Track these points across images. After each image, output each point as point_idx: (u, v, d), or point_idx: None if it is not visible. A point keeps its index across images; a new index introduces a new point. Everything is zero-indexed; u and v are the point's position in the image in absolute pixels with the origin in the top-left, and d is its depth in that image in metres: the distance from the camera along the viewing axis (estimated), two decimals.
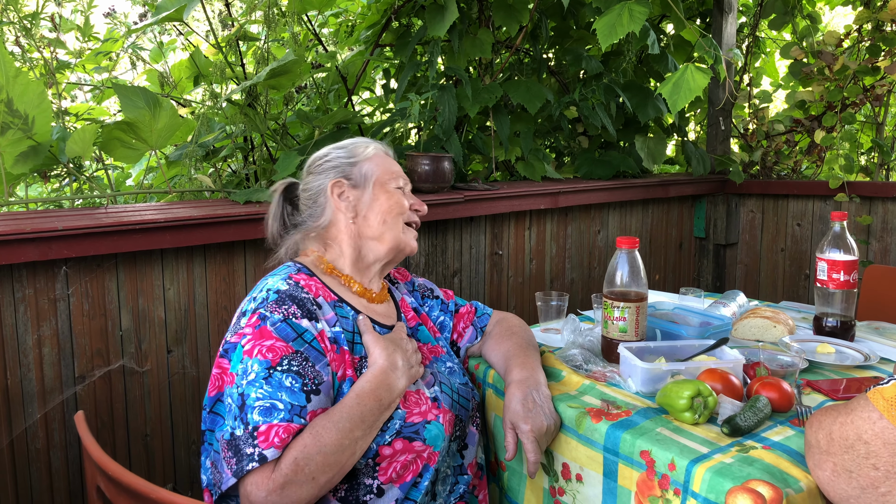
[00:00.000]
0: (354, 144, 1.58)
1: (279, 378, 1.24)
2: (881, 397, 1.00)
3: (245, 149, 2.69)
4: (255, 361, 1.25)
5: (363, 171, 1.53)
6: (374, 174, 1.53)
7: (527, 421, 1.38)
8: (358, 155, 1.55)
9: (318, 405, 1.26)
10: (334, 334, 1.36)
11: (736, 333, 1.84)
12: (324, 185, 1.52)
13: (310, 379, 1.26)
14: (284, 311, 1.31)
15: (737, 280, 3.80)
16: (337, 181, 1.51)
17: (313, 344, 1.31)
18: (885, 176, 3.62)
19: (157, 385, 1.97)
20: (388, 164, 1.57)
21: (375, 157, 1.56)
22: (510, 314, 1.79)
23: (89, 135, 2.09)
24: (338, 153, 1.56)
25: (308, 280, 1.42)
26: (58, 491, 1.83)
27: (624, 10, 2.47)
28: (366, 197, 1.52)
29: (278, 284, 1.37)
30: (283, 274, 1.42)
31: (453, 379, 1.54)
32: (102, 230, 1.77)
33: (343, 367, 1.34)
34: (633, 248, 1.62)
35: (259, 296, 1.36)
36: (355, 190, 1.52)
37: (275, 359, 1.25)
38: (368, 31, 3.20)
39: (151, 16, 2.71)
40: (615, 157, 3.32)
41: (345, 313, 1.43)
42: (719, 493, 1.10)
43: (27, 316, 1.75)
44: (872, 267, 2.56)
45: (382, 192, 1.52)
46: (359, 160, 1.54)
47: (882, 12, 3.31)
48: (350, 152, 1.56)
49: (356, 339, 1.41)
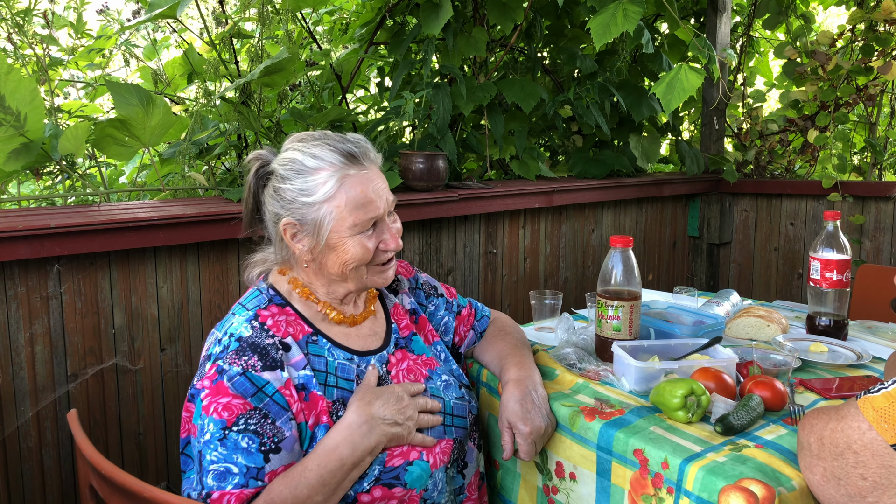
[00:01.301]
0: (319, 171, 1.31)
1: (235, 439, 1.17)
2: (871, 407, 1.00)
3: (239, 147, 2.68)
4: (210, 420, 1.19)
5: (320, 216, 1.30)
6: (333, 221, 1.31)
7: (526, 422, 1.36)
8: (317, 192, 1.30)
9: (280, 463, 1.20)
10: (303, 380, 1.28)
11: (729, 332, 1.85)
12: (279, 217, 1.34)
13: (269, 437, 1.19)
14: (244, 364, 1.22)
15: (730, 279, 3.81)
16: (290, 222, 1.33)
17: (275, 398, 1.22)
18: (877, 175, 3.63)
19: (150, 383, 1.96)
20: (357, 201, 1.32)
21: (340, 192, 1.30)
22: (501, 314, 1.78)
23: (82, 132, 2.08)
24: (295, 183, 1.32)
25: (279, 315, 1.33)
26: (50, 489, 1.83)
27: (618, 10, 2.47)
28: (320, 246, 1.33)
29: (241, 329, 1.28)
30: (252, 308, 1.33)
31: (448, 394, 1.45)
32: (95, 228, 1.77)
33: (315, 415, 1.27)
34: (627, 247, 1.62)
35: (223, 339, 1.27)
36: (308, 237, 1.33)
37: (230, 418, 1.18)
38: (363, 29, 3.20)
39: (145, 13, 2.69)
40: (609, 156, 3.32)
41: (319, 350, 1.35)
42: (712, 491, 1.10)
43: (19, 314, 1.74)
44: (865, 266, 2.57)
45: (340, 242, 1.32)
46: (317, 200, 1.30)
47: (875, 12, 3.33)
48: (309, 185, 1.31)
49: (330, 380, 1.32)
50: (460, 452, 1.45)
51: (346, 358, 1.37)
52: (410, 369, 1.46)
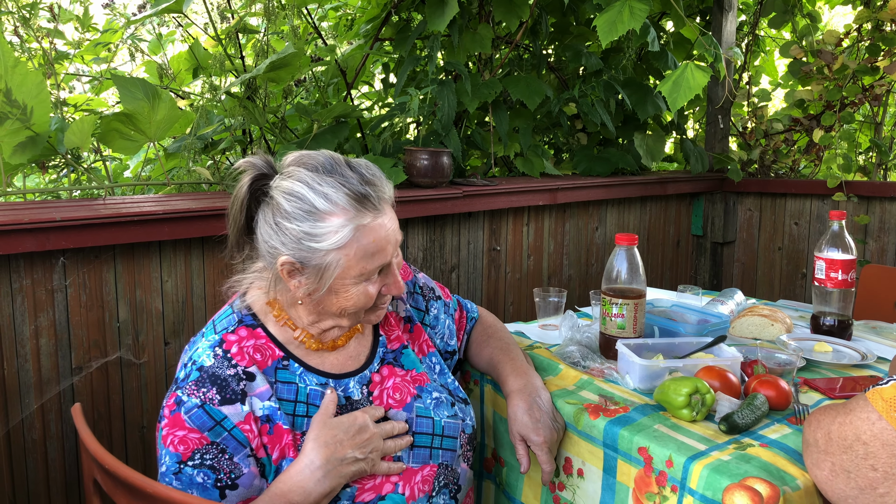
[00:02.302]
0: (331, 214, 1.19)
1: (190, 474, 1.13)
2: (880, 398, 1.00)
3: (244, 141, 2.68)
4: (167, 453, 1.15)
5: (326, 262, 1.20)
6: (339, 269, 1.21)
7: (538, 433, 1.34)
8: (327, 240, 1.19)
9: (237, 499, 1.16)
10: (268, 411, 1.20)
11: (734, 331, 1.85)
12: (278, 252, 1.22)
13: (225, 473, 1.15)
14: (203, 396, 1.16)
15: (734, 278, 3.81)
16: (290, 262, 1.21)
17: (233, 433, 1.16)
18: (882, 176, 3.62)
19: (154, 377, 1.97)
20: (368, 253, 1.22)
21: (352, 243, 1.20)
22: (483, 311, 1.71)
23: (88, 126, 2.09)
24: (302, 224, 1.19)
25: (247, 339, 1.26)
26: (54, 482, 1.83)
27: (625, 7, 2.46)
28: (321, 291, 1.23)
29: (203, 358, 1.21)
30: (220, 331, 1.26)
31: (439, 413, 1.37)
32: (100, 221, 1.77)
33: (280, 448, 1.21)
34: (632, 244, 1.62)
35: (187, 365, 1.22)
36: (310, 280, 1.23)
37: (186, 452, 1.14)
38: (368, 24, 3.19)
39: (150, 7, 2.69)
40: (614, 154, 3.32)
41: (290, 376, 1.27)
42: (716, 490, 1.10)
43: (24, 306, 1.75)
44: (869, 266, 2.57)
45: (343, 288, 1.24)
46: (324, 248, 1.19)
47: (882, 12, 3.32)
48: (317, 230, 1.19)
49: (300, 409, 1.25)
50: (450, 477, 1.35)
51: (320, 383, 1.29)
52: (397, 387, 1.37)
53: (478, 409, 1.64)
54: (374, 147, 2.74)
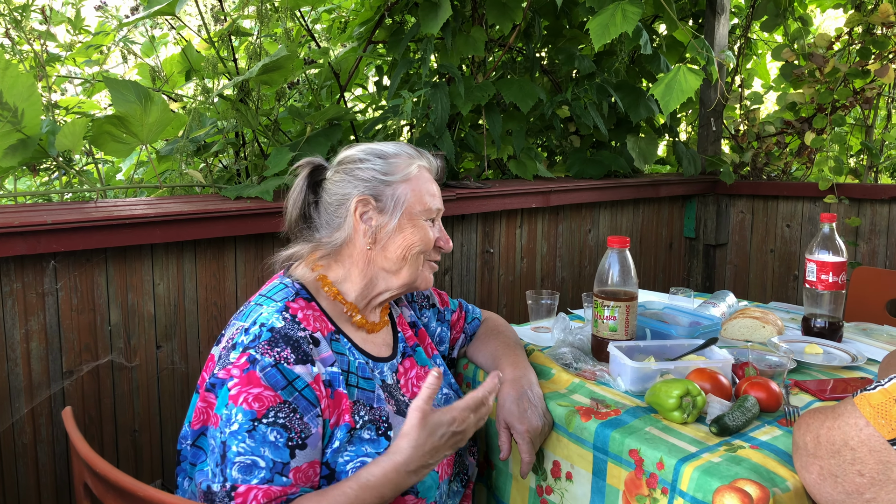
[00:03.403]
0: (398, 156, 1.39)
1: (263, 431, 1.15)
2: (868, 404, 1.01)
3: (236, 144, 2.68)
4: (239, 410, 1.16)
5: (397, 194, 1.36)
6: (407, 201, 1.36)
7: (522, 421, 1.37)
8: (397, 172, 1.37)
9: (304, 460, 1.18)
10: (330, 376, 1.26)
11: (725, 333, 1.85)
12: (349, 196, 1.36)
13: (296, 433, 1.17)
14: (277, 355, 1.20)
15: (726, 280, 3.82)
16: (364, 198, 1.35)
17: (304, 392, 1.20)
18: (873, 178, 3.64)
19: (146, 381, 1.96)
20: (427, 190, 1.40)
21: (416, 178, 1.39)
22: (493, 314, 1.78)
23: (79, 128, 2.08)
24: (375, 163, 1.37)
25: (306, 309, 1.32)
26: (44, 487, 1.82)
27: (617, 11, 2.47)
28: (391, 226, 1.36)
29: (273, 319, 1.26)
30: (280, 300, 1.31)
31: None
32: (92, 224, 1.76)
33: (338, 413, 1.25)
34: (624, 247, 1.62)
35: (251, 329, 1.25)
36: (381, 215, 1.36)
37: (261, 409, 1.16)
38: (361, 27, 3.19)
39: (143, 9, 2.69)
40: (607, 157, 3.33)
41: (341, 348, 1.34)
42: (707, 492, 1.11)
43: (15, 310, 1.74)
44: (860, 269, 2.58)
45: (410, 224, 1.37)
46: (395, 180, 1.36)
47: (873, 16, 3.33)
48: (389, 166, 1.37)
49: (351, 379, 1.31)
50: (462, 465, 1.45)
51: (364, 360, 1.37)
52: (420, 377, 1.47)
53: None
54: None
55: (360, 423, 1.27)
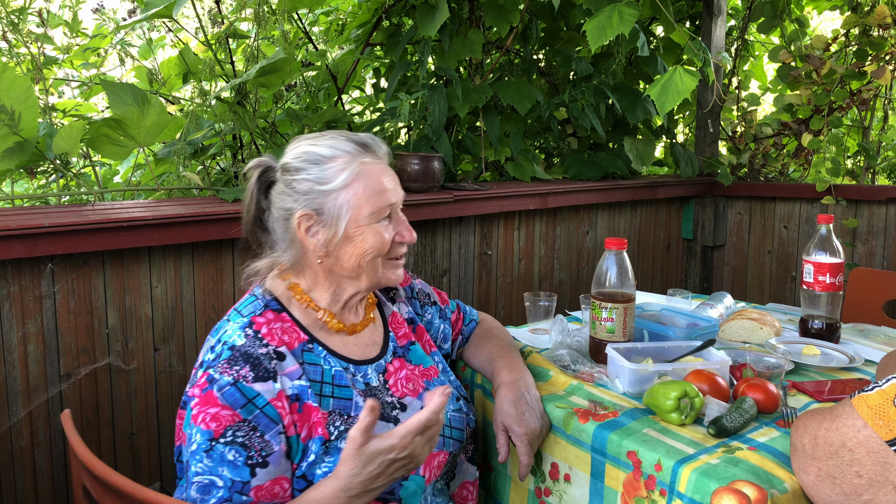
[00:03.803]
0: (334, 159, 1.30)
1: (221, 451, 1.14)
2: (865, 405, 1.01)
3: (234, 147, 2.68)
4: (197, 431, 1.15)
5: (338, 204, 1.29)
6: (351, 208, 1.29)
7: (520, 424, 1.37)
8: (334, 179, 1.29)
9: (267, 478, 1.17)
10: (297, 390, 1.23)
11: (723, 335, 1.85)
12: (292, 211, 1.30)
13: (256, 451, 1.16)
14: (235, 374, 1.18)
15: (724, 282, 3.83)
16: (305, 213, 1.29)
17: (265, 410, 1.18)
18: (870, 179, 3.65)
19: (144, 383, 1.96)
20: (374, 189, 1.31)
21: (358, 179, 1.30)
22: (486, 315, 1.77)
23: (77, 131, 2.08)
24: (311, 172, 1.29)
25: (274, 321, 1.29)
26: (42, 490, 1.82)
27: (614, 12, 2.48)
28: (338, 237, 1.30)
29: (234, 337, 1.24)
30: (247, 314, 1.29)
31: (447, 406, 1.41)
32: (89, 227, 1.76)
33: (309, 427, 1.23)
34: (622, 249, 1.62)
35: (216, 347, 1.24)
36: (326, 228, 1.30)
37: (218, 429, 1.15)
38: (359, 30, 3.20)
39: (140, 12, 2.69)
40: (604, 159, 3.33)
41: (315, 358, 1.30)
42: (705, 493, 1.11)
43: (12, 313, 1.74)
44: (858, 270, 2.58)
45: (359, 231, 1.30)
46: (334, 188, 1.29)
47: (869, 17, 3.34)
48: (326, 174, 1.29)
49: (326, 389, 1.28)
50: (452, 465, 1.44)
51: (342, 367, 1.33)
52: (409, 378, 1.43)
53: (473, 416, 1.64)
54: None
55: (335, 434, 1.24)
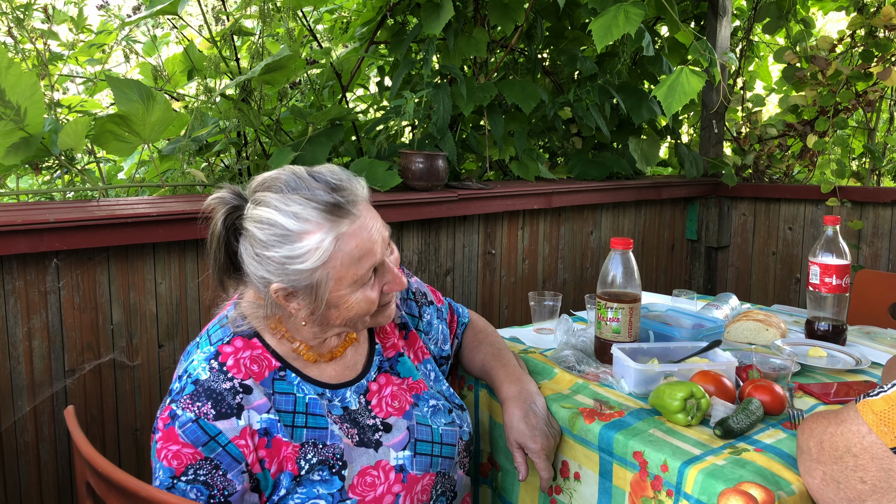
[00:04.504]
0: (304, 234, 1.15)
1: (183, 489, 1.12)
2: (870, 411, 1.00)
3: (238, 144, 2.68)
4: (160, 466, 1.13)
5: (316, 279, 1.17)
6: (331, 282, 1.18)
7: (535, 440, 1.34)
8: (308, 260, 1.15)
9: None
10: (266, 424, 1.18)
11: (728, 336, 1.85)
12: (268, 281, 1.18)
13: (219, 490, 1.13)
14: (197, 410, 1.14)
15: (728, 283, 3.82)
16: (282, 287, 1.18)
17: (228, 448, 1.14)
18: (876, 181, 3.64)
19: (148, 379, 1.96)
20: (354, 257, 1.18)
21: (336, 255, 1.16)
22: (473, 314, 1.71)
23: (82, 127, 2.08)
24: (280, 250, 1.15)
25: (243, 349, 1.23)
26: (46, 485, 1.82)
27: (620, 12, 2.47)
28: (321, 308, 1.20)
29: (199, 370, 1.18)
30: (215, 342, 1.23)
31: (437, 421, 1.37)
32: (94, 223, 1.76)
33: (278, 462, 1.19)
34: (628, 249, 1.62)
35: (182, 377, 1.19)
36: (307, 300, 1.20)
37: (179, 467, 1.12)
38: (363, 27, 3.19)
39: (145, 9, 2.69)
40: (609, 159, 3.33)
41: (287, 387, 1.24)
42: (711, 494, 1.10)
43: (17, 308, 1.74)
44: (863, 272, 2.57)
45: (342, 299, 1.21)
46: (309, 267, 1.15)
47: (875, 18, 3.33)
48: (296, 252, 1.15)
49: (299, 420, 1.22)
50: (447, 485, 1.36)
51: (317, 393, 1.27)
52: (395, 395, 1.37)
53: (473, 414, 1.64)
54: (370, 150, 2.73)
55: (305, 469, 1.20)
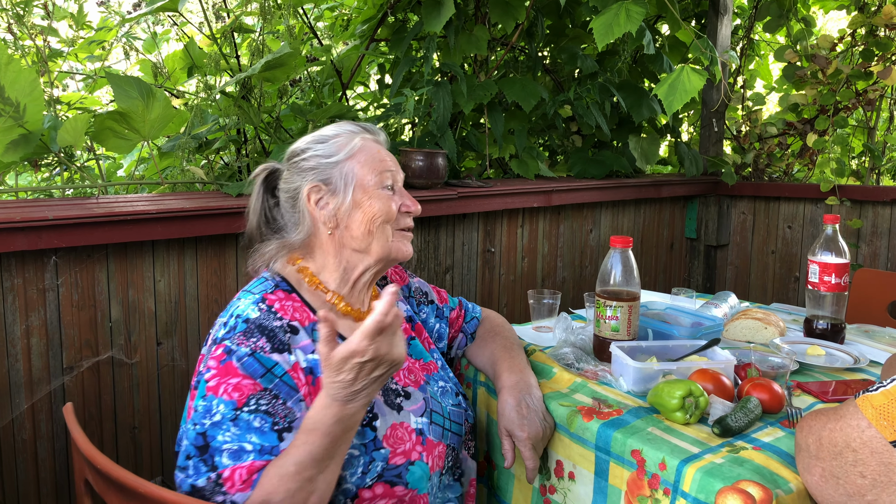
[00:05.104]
0: (338, 136, 1.39)
1: (247, 419, 1.15)
2: (870, 405, 1.01)
3: (238, 141, 2.67)
4: (220, 402, 1.16)
5: (344, 172, 1.35)
6: (357, 176, 1.35)
7: (523, 428, 1.36)
8: (339, 152, 1.37)
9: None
10: (311, 363, 1.26)
11: (727, 334, 1.85)
12: (300, 188, 1.36)
13: (281, 417, 1.17)
14: (252, 345, 1.20)
15: (727, 281, 3.82)
16: (314, 186, 1.35)
17: (284, 379, 1.21)
18: (875, 180, 3.64)
19: (146, 377, 1.96)
20: (375, 159, 1.38)
21: (360, 152, 1.38)
22: (492, 312, 1.76)
23: (81, 124, 2.08)
24: (317, 149, 1.38)
25: (285, 300, 1.32)
26: (44, 482, 1.82)
27: (621, 10, 2.47)
28: (346, 204, 1.35)
29: (248, 311, 1.26)
30: (258, 292, 1.31)
31: (445, 401, 1.46)
32: (93, 220, 1.76)
33: None
34: (627, 247, 1.62)
35: (229, 321, 1.26)
36: (334, 197, 1.35)
37: (241, 398, 1.16)
38: (364, 25, 3.19)
39: (145, 5, 2.68)
40: (608, 157, 3.32)
41: None
42: (709, 493, 1.10)
43: (15, 305, 1.74)
44: (862, 270, 2.57)
45: (366, 196, 1.35)
46: (340, 159, 1.36)
47: (876, 17, 3.33)
48: (331, 148, 1.37)
49: None
50: (455, 460, 1.43)
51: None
52: (411, 370, 1.44)
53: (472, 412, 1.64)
54: None
55: None
